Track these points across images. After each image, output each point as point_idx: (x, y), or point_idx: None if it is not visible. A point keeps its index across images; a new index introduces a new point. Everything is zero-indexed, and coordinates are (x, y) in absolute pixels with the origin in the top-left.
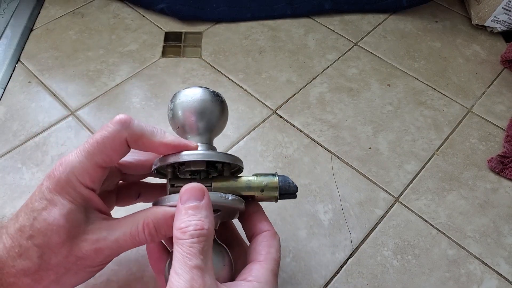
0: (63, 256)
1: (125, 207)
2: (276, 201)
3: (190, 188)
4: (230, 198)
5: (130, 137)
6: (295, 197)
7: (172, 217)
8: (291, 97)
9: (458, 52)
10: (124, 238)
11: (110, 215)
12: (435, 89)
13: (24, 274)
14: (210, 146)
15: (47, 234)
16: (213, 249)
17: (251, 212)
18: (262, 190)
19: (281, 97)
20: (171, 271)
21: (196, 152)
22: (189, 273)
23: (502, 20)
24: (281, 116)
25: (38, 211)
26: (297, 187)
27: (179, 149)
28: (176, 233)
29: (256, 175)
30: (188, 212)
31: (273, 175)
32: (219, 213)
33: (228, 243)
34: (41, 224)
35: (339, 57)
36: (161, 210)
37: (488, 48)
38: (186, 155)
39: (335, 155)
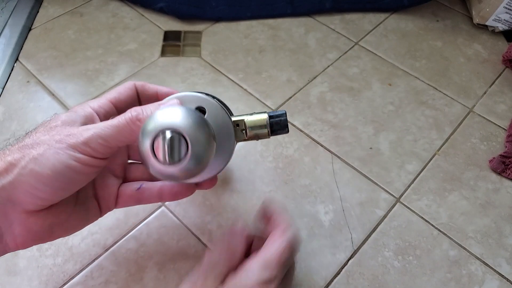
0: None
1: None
2: (269, 136)
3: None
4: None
5: (137, 84)
6: (286, 131)
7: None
8: (291, 97)
9: (460, 52)
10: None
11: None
12: (436, 88)
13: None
14: None
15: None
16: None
17: (269, 210)
18: (252, 128)
19: (281, 97)
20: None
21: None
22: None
23: (504, 20)
24: None
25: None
26: (287, 121)
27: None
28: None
29: (247, 114)
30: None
31: (264, 112)
32: (206, 115)
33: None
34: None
35: (340, 57)
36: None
37: (490, 48)
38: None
39: (335, 155)
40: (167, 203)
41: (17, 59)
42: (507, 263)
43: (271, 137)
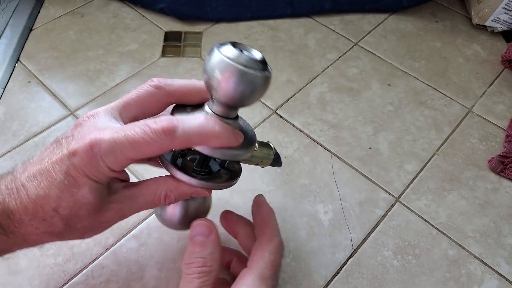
0: (89, 222)
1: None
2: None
3: (199, 224)
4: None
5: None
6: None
7: (190, 188)
8: (291, 97)
9: (459, 52)
10: (145, 205)
11: (129, 180)
12: (435, 89)
13: (49, 235)
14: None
15: (74, 208)
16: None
17: (258, 216)
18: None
19: (281, 97)
20: None
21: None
22: None
23: (503, 20)
24: (281, 116)
25: (63, 186)
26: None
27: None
28: (183, 266)
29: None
30: (195, 249)
31: (268, 145)
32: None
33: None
34: (68, 200)
35: (340, 57)
36: (184, 187)
37: (489, 48)
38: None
39: (335, 155)
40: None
41: (18, 59)
42: (506, 263)
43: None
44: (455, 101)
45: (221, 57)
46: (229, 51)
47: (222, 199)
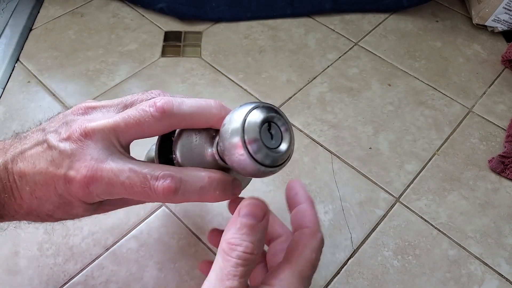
0: (82, 217)
1: None
2: None
3: (253, 203)
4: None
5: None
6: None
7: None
8: (291, 97)
9: (459, 52)
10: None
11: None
12: (435, 89)
13: (41, 221)
14: None
15: (68, 216)
16: None
17: (298, 205)
18: None
19: (281, 97)
20: (206, 281)
21: None
22: None
23: (503, 20)
24: None
25: (57, 203)
26: None
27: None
28: (224, 244)
29: None
30: (243, 230)
31: None
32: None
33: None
34: (62, 212)
35: (340, 57)
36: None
37: (489, 48)
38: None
39: (335, 155)
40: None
41: (17, 59)
42: (506, 263)
43: None
44: (456, 101)
45: (239, 129)
46: (253, 128)
47: None
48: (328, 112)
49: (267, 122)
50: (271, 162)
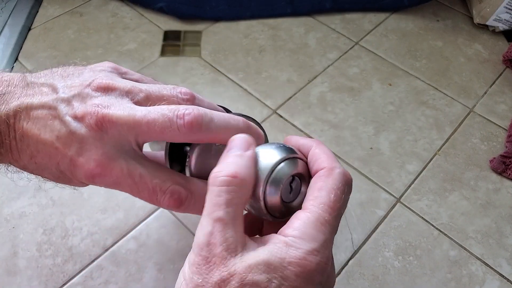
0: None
1: None
2: None
3: (237, 137)
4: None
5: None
6: None
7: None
8: (291, 97)
9: (460, 52)
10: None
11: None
12: (436, 88)
13: None
14: None
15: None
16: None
17: (306, 155)
18: None
19: (281, 97)
20: (200, 223)
21: None
22: (211, 225)
23: (504, 19)
24: (281, 116)
25: (56, 174)
26: None
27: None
28: (209, 179)
29: None
30: (227, 159)
31: None
32: None
33: None
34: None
35: (340, 56)
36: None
37: (490, 48)
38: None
39: (336, 155)
40: None
41: (16, 59)
42: (507, 264)
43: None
44: (457, 101)
45: (265, 176)
46: (275, 191)
47: None
48: (329, 112)
49: (291, 176)
50: (280, 216)
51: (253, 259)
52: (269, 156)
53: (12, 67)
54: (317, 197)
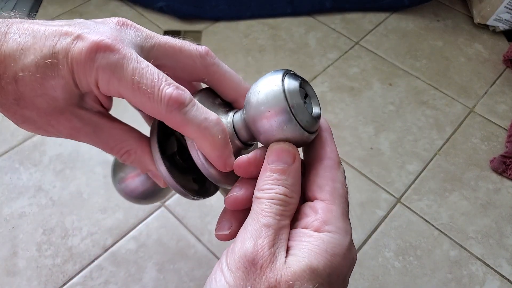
0: (38, 117)
1: None
2: None
3: (280, 149)
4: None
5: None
6: None
7: (154, 168)
8: None
9: (460, 51)
10: (102, 145)
11: (109, 110)
12: (437, 88)
13: None
14: None
15: (34, 90)
16: None
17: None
18: None
19: None
20: (240, 230)
21: None
22: (258, 230)
23: (505, 19)
24: None
25: (41, 62)
26: None
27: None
28: (257, 192)
29: None
30: (274, 175)
31: None
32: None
33: None
34: (35, 78)
35: (340, 56)
36: (150, 165)
37: (490, 47)
38: None
39: None
40: (167, 203)
41: None
42: (507, 264)
43: None
44: (457, 101)
45: (282, 94)
46: (294, 92)
47: (221, 200)
48: (329, 111)
49: (301, 88)
50: (311, 127)
51: (297, 265)
52: (274, 76)
53: None
54: (335, 188)
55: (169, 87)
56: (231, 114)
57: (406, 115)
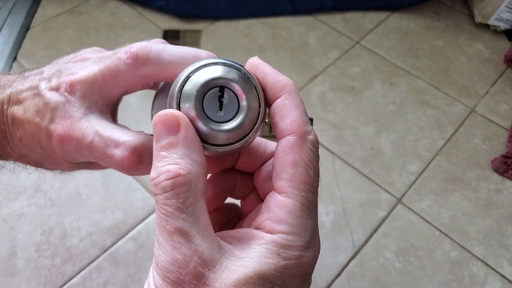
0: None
1: None
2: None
3: (160, 119)
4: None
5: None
6: None
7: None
8: None
9: (461, 51)
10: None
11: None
12: (438, 88)
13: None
14: None
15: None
16: None
17: (271, 101)
18: None
19: None
20: (155, 241)
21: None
22: (169, 241)
23: (506, 19)
24: None
25: (40, 150)
26: None
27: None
28: (151, 187)
29: None
30: (160, 154)
31: None
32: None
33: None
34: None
35: (341, 56)
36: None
37: (491, 47)
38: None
39: (336, 155)
40: None
41: (15, 58)
42: (509, 264)
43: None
44: (458, 101)
45: (176, 98)
46: (191, 100)
47: None
48: (329, 111)
49: (218, 87)
50: (204, 138)
51: (241, 272)
52: (196, 64)
53: (11, 67)
54: (295, 175)
55: (117, 150)
56: None
57: (407, 115)
